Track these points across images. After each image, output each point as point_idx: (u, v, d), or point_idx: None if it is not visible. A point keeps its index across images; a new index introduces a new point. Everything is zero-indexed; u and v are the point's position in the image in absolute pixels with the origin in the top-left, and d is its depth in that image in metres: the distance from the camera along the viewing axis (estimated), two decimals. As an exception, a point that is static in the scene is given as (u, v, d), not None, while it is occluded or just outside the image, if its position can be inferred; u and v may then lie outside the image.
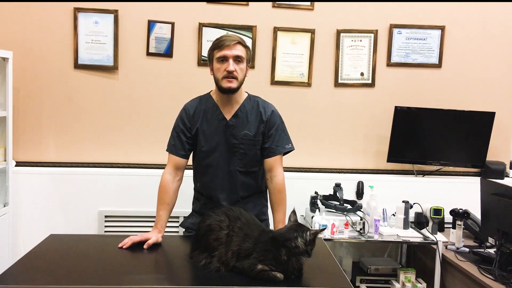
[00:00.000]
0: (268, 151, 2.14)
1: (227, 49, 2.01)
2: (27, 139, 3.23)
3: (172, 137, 2.17)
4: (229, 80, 2.03)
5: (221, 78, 2.04)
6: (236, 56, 2.02)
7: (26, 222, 3.19)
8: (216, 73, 2.06)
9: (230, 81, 2.03)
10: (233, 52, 2.02)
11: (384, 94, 3.40)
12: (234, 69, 2.02)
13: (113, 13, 3.18)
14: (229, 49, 2.01)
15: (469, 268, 2.52)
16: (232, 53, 2.02)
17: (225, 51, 2.01)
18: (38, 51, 3.19)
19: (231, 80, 2.03)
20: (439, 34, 3.36)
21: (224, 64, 2.02)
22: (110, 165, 3.29)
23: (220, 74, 2.04)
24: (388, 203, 3.04)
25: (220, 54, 2.02)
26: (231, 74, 2.02)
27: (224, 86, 2.04)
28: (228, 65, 2.01)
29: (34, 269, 1.67)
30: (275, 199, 2.14)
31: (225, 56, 2.02)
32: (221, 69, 2.03)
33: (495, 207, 2.54)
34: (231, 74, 2.02)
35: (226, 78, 2.03)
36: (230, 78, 2.02)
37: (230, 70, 2.01)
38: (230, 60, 2.01)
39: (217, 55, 2.03)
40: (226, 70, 2.02)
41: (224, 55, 2.02)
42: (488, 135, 3.30)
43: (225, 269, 1.65)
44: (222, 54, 2.02)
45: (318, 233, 1.62)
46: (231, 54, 2.01)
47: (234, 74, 2.02)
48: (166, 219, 2.08)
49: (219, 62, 2.03)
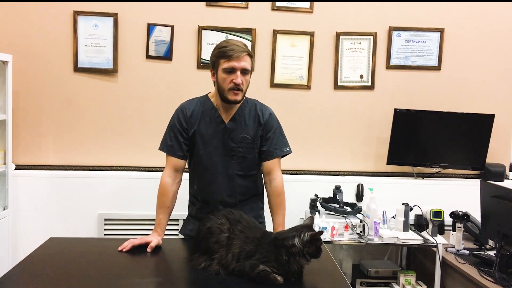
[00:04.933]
0: (266, 154, 2.13)
1: (236, 60, 1.95)
2: (27, 142, 3.23)
3: (168, 137, 2.12)
4: (235, 93, 1.99)
5: (227, 90, 1.99)
6: (244, 69, 1.98)
7: (25, 225, 3.18)
8: (222, 83, 2.00)
9: (236, 94, 1.99)
10: (241, 64, 1.96)
11: (383, 96, 3.40)
12: (242, 81, 1.98)
13: (112, 16, 3.18)
14: (238, 61, 1.95)
15: (469, 271, 2.52)
16: (241, 65, 1.96)
17: (233, 63, 1.95)
18: (38, 55, 3.19)
19: (237, 93, 1.99)
20: (438, 37, 3.37)
21: (231, 76, 1.97)
22: (109, 168, 3.29)
23: (227, 85, 1.98)
24: (388, 206, 3.04)
25: (228, 65, 1.96)
26: (238, 86, 1.97)
27: (230, 98, 2.00)
28: (236, 78, 1.96)
29: (34, 273, 1.66)
30: (275, 202, 2.13)
31: (234, 68, 1.96)
32: (227, 80, 1.98)
33: (495, 209, 2.54)
34: (238, 87, 1.98)
35: (232, 90, 1.98)
36: (237, 91, 1.98)
37: (238, 83, 1.96)
38: (238, 72, 1.96)
39: (225, 65, 1.96)
40: (233, 82, 1.97)
41: (233, 67, 1.95)
42: (487, 137, 3.30)
43: (224, 272, 1.65)
44: (231, 66, 1.95)
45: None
46: (239, 66, 1.96)
47: (241, 86, 1.98)
48: (166, 222, 2.07)
49: (226, 73, 1.98)
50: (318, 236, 1.63)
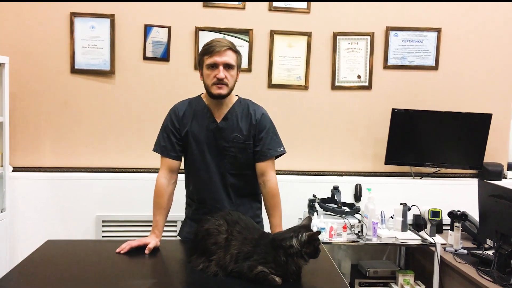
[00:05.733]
0: (259, 154, 2.12)
1: (217, 55, 1.98)
2: (24, 145, 3.22)
3: (162, 138, 2.13)
4: (219, 87, 2.00)
5: (211, 85, 2.01)
6: (226, 63, 2.00)
7: (23, 227, 3.17)
8: (206, 80, 2.03)
9: (220, 87, 2.00)
10: (223, 59, 1.98)
11: (381, 96, 3.41)
12: (225, 76, 1.99)
13: (109, 17, 3.18)
14: (219, 55, 1.98)
15: (468, 270, 2.52)
16: (222, 60, 1.98)
17: (215, 58, 1.98)
18: (34, 56, 3.18)
19: (221, 87, 2.00)
20: (435, 36, 3.37)
21: (214, 71, 1.99)
22: (107, 169, 3.28)
23: (210, 81, 2.01)
24: (386, 206, 3.04)
25: (210, 61, 1.99)
26: (221, 80, 1.99)
27: (214, 92, 2.01)
28: (218, 72, 1.98)
29: (32, 275, 1.66)
30: (270, 204, 2.12)
31: (215, 63, 1.98)
32: (211, 75, 2.00)
33: (493, 208, 2.55)
34: (221, 81, 1.99)
35: (216, 85, 2.00)
36: (220, 85, 2.00)
37: (220, 78, 1.98)
38: (220, 67, 1.98)
39: (207, 61, 2.00)
40: (216, 77, 1.99)
41: (214, 62, 1.98)
42: (485, 136, 3.31)
43: (223, 273, 1.65)
44: (212, 61, 1.98)
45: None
46: (221, 61, 1.98)
47: (224, 81, 2.00)
48: (163, 223, 2.07)
49: (209, 69, 2.00)
50: (316, 236, 1.63)
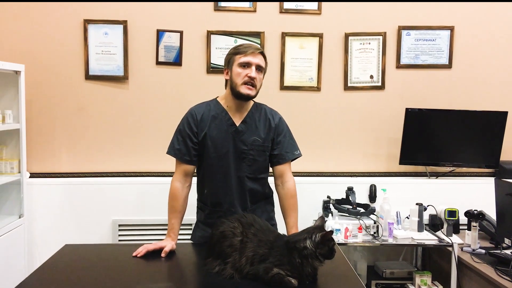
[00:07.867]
0: (278, 158, 2.15)
1: (251, 56, 2.02)
2: (41, 151, 3.27)
3: (176, 141, 2.13)
4: (249, 87, 2.02)
5: (240, 84, 2.02)
6: (258, 65, 2.04)
7: (41, 233, 3.22)
8: (236, 78, 2.04)
9: (250, 88, 2.02)
10: (256, 60, 2.03)
11: (394, 96, 3.39)
12: (256, 76, 2.03)
13: (122, 23, 3.21)
14: (253, 56, 2.03)
15: (486, 270, 2.49)
16: (256, 61, 2.03)
17: (249, 58, 2.02)
18: (49, 64, 3.23)
19: (251, 88, 2.03)
20: (448, 35, 3.35)
21: (246, 70, 2.02)
22: (122, 174, 3.31)
23: (240, 80, 2.02)
24: (402, 206, 3.02)
25: (244, 59, 2.02)
26: (252, 81, 2.02)
27: (243, 92, 2.03)
28: (251, 71, 2.01)
29: (50, 280, 1.68)
30: (287, 205, 2.14)
31: (249, 62, 2.02)
32: (242, 74, 2.02)
33: (510, 207, 2.51)
34: (252, 81, 2.02)
35: (246, 85, 2.02)
36: (250, 86, 2.02)
37: (252, 76, 2.01)
38: (253, 67, 2.02)
39: (240, 60, 2.03)
40: (248, 76, 2.01)
41: (248, 61, 2.02)
42: (501, 134, 3.27)
43: (238, 275, 1.65)
44: (247, 60, 2.02)
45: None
46: (255, 61, 2.02)
47: (255, 82, 2.03)
48: (179, 227, 2.08)
49: (241, 67, 2.03)
50: (329, 236, 1.62)
